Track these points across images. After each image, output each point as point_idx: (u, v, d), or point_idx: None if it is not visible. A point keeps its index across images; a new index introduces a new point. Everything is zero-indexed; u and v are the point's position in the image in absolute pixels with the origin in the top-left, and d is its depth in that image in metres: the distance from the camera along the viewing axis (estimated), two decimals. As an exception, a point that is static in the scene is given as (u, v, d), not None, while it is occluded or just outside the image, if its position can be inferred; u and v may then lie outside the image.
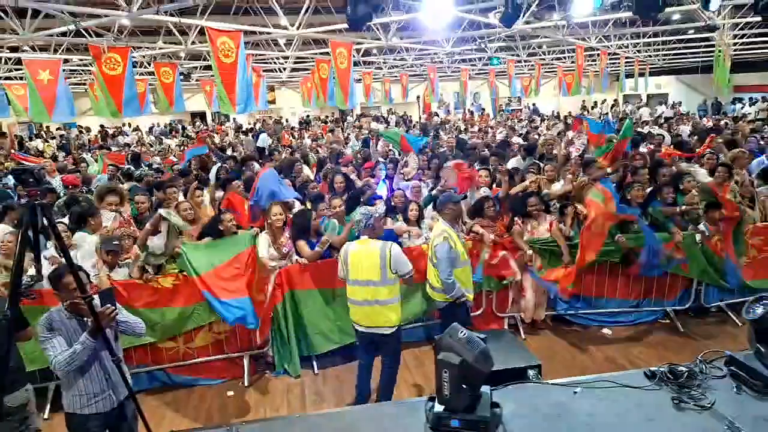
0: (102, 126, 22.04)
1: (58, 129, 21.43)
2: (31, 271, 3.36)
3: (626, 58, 20.20)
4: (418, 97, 24.35)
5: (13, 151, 9.16)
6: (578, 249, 4.50)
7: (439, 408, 2.33)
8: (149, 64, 15.68)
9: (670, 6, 7.47)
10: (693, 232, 4.83)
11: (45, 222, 2.22)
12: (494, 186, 5.94)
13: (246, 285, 4.13)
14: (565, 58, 20.67)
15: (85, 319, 2.69)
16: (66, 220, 4.81)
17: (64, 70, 10.47)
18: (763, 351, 2.51)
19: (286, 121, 24.04)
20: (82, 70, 18.29)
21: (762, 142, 8.81)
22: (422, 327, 5.01)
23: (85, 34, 11.87)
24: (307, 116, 25.23)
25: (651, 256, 4.48)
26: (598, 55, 17.81)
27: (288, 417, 3.55)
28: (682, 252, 4.67)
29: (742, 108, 20.45)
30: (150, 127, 23.33)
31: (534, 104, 26.62)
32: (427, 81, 19.28)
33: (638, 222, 4.69)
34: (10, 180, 8.35)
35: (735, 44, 18.36)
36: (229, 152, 11.96)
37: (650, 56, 22.04)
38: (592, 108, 24.03)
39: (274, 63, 19.84)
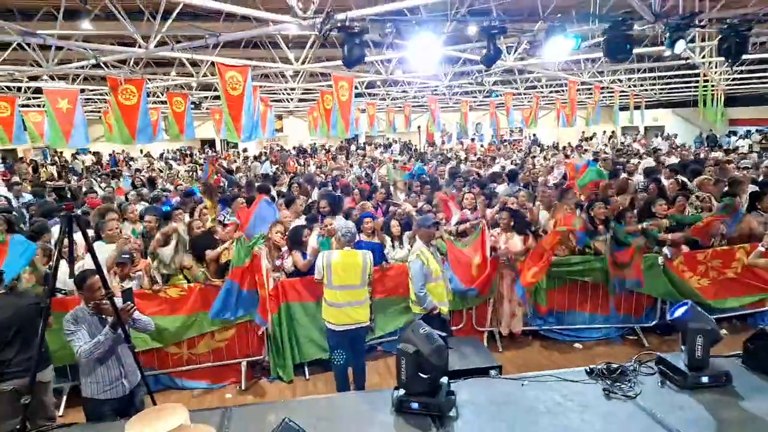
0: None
1: (74, 155, 22.26)
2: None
3: (621, 91, 20.86)
4: (419, 127, 25.11)
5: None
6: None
7: (401, 393, 2.74)
8: (162, 94, 16.46)
9: (638, 47, 8.04)
10: (656, 255, 5.24)
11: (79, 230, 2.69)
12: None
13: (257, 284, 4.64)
14: (562, 90, 21.39)
15: (104, 316, 3.15)
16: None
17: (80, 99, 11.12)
18: (685, 350, 2.92)
19: (293, 148, 24.83)
20: (97, 99, 19.15)
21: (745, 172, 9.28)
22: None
23: (102, 66, 12.62)
24: (314, 144, 26.03)
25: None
26: (589, 89, 18.47)
27: (274, 402, 3.94)
28: (638, 268, 5.08)
29: (736, 141, 20.95)
30: (161, 153, 24.15)
31: (534, 135, 27.32)
32: (429, 112, 20.02)
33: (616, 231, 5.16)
34: (26, 197, 8.96)
35: (727, 79, 18.99)
36: (237, 176, 12.58)
37: (645, 90, 22.73)
38: (590, 139, 24.67)
39: (282, 93, 20.70)
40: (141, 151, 23.67)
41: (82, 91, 14.88)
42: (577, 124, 20.14)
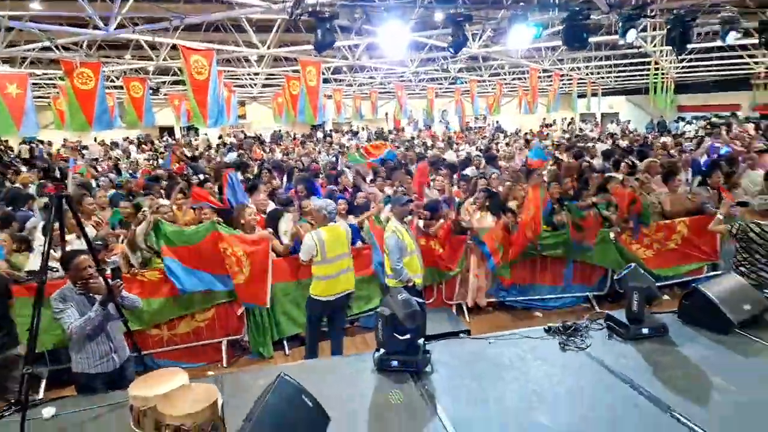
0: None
1: (21, 144, 21.27)
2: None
3: (579, 79, 21.64)
4: (386, 114, 25.29)
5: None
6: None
7: (381, 352, 3.01)
8: (117, 79, 15.87)
9: (595, 36, 8.51)
10: (608, 231, 5.72)
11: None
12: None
13: (213, 264, 4.89)
14: (524, 78, 21.99)
15: (91, 295, 3.27)
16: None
17: (28, 84, 10.64)
18: (631, 308, 3.31)
19: (260, 136, 24.55)
20: (45, 84, 18.29)
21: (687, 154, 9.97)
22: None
23: (54, 49, 12.12)
24: (279, 131, 25.81)
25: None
26: (550, 77, 19.11)
27: (264, 369, 4.16)
28: (592, 236, 5.54)
29: (684, 126, 22.11)
30: (112, 141, 23.17)
31: (497, 122, 27.98)
32: (395, 98, 20.25)
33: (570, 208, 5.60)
34: None
35: (677, 68, 19.98)
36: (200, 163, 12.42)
37: (602, 77, 23.63)
38: (550, 126, 25.49)
39: (246, 79, 20.37)
40: (95, 139, 22.77)
41: (30, 75, 14.25)
42: (538, 111, 20.83)
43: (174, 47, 10.96)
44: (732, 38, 8.62)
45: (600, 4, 7.04)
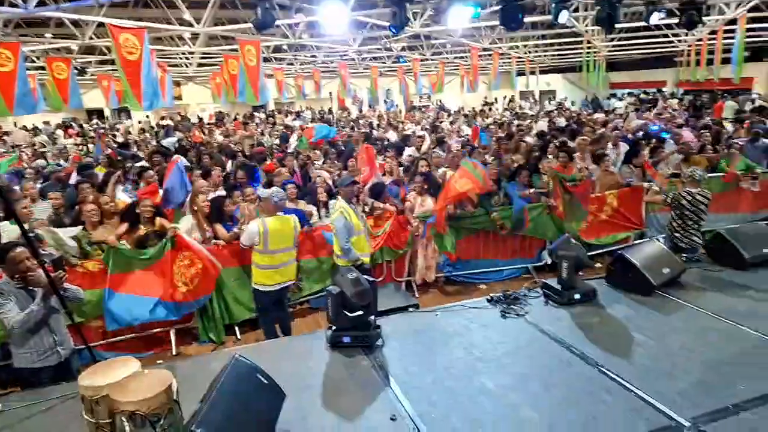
0: None
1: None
2: None
3: (517, 58, 22.24)
4: (330, 93, 24.97)
5: None
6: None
7: (333, 329, 3.11)
8: (38, 59, 14.73)
9: (530, 15, 8.80)
10: (544, 203, 6.06)
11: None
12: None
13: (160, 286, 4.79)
14: (466, 57, 22.33)
15: (31, 288, 3.15)
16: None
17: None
18: (561, 275, 3.58)
19: (199, 119, 23.59)
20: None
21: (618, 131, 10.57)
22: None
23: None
24: (219, 113, 24.90)
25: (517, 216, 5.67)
26: (491, 55, 19.53)
27: (217, 352, 4.17)
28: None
29: (615, 103, 23.33)
30: (34, 126, 21.56)
31: (440, 101, 28.32)
32: (339, 77, 19.99)
33: (507, 189, 5.85)
34: None
35: (608, 46, 20.95)
36: (134, 150, 11.85)
37: (539, 56, 24.39)
38: (492, 104, 26.14)
39: (180, 58, 19.44)
40: (15, 124, 21.09)
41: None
42: (480, 90, 21.26)
43: (101, 24, 10.28)
44: (656, 18, 9.19)
45: (535, -14, 7.31)
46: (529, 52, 22.86)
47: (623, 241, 6.53)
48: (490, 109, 23.13)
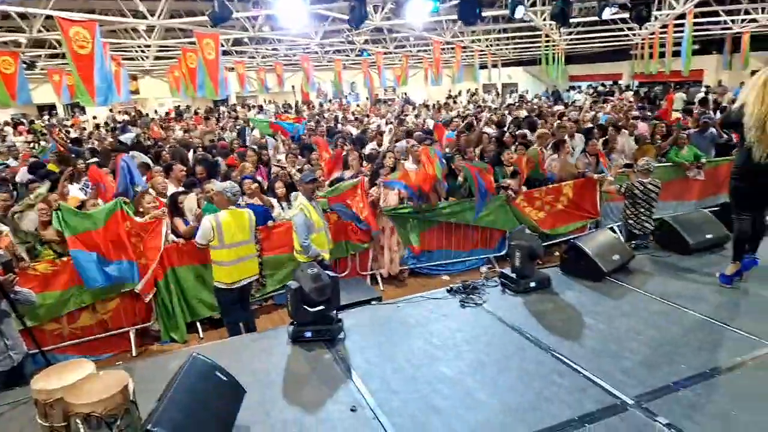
0: None
1: None
2: None
3: (480, 51, 22.52)
4: (293, 87, 24.67)
5: None
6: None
7: (294, 325, 3.13)
8: (-19, 54, 13.95)
9: (488, 10, 8.95)
10: (504, 195, 6.21)
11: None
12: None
13: (125, 248, 4.68)
14: (429, 50, 22.45)
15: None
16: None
17: None
18: (515, 265, 3.70)
19: (155, 112, 22.91)
20: None
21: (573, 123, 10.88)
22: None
23: None
24: (178, 107, 24.26)
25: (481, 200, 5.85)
26: (453, 49, 19.73)
27: (177, 351, 4.11)
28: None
29: (574, 95, 23.96)
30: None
31: (405, 94, 28.42)
32: (302, 70, 19.76)
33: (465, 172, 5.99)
34: None
35: (566, 40, 21.47)
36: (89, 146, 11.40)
37: (501, 49, 24.77)
38: (456, 97, 26.41)
39: (136, 51, 18.78)
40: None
41: None
42: (444, 83, 21.43)
43: (50, 17, 9.83)
44: (608, 13, 9.53)
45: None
46: (491, 45, 23.19)
47: (580, 230, 6.76)
48: (454, 102, 23.36)
